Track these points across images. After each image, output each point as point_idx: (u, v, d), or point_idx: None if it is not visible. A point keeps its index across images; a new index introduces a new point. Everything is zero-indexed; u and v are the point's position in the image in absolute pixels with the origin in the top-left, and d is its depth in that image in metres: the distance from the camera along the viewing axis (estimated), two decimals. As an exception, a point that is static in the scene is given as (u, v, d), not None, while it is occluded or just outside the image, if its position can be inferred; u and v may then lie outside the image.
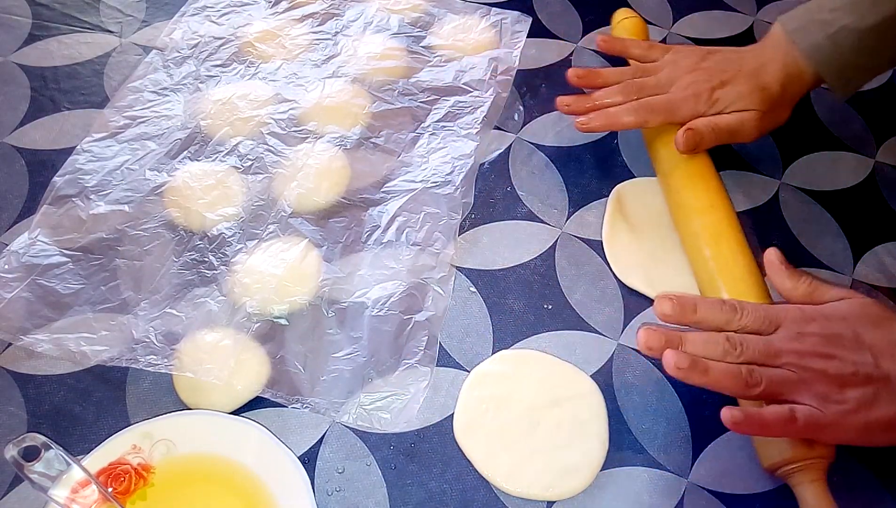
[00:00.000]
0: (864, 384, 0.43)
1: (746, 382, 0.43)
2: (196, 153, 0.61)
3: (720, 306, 0.47)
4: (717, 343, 0.45)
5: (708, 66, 0.61)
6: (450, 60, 0.69)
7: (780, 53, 0.59)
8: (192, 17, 0.71)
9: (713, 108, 0.59)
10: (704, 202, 0.57)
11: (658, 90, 0.60)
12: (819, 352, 0.44)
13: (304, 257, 0.56)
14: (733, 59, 0.61)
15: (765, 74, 0.59)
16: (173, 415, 0.49)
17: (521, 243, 0.59)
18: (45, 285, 0.54)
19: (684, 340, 0.46)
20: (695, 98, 0.59)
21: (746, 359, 0.44)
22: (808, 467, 0.46)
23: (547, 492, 0.48)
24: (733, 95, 0.58)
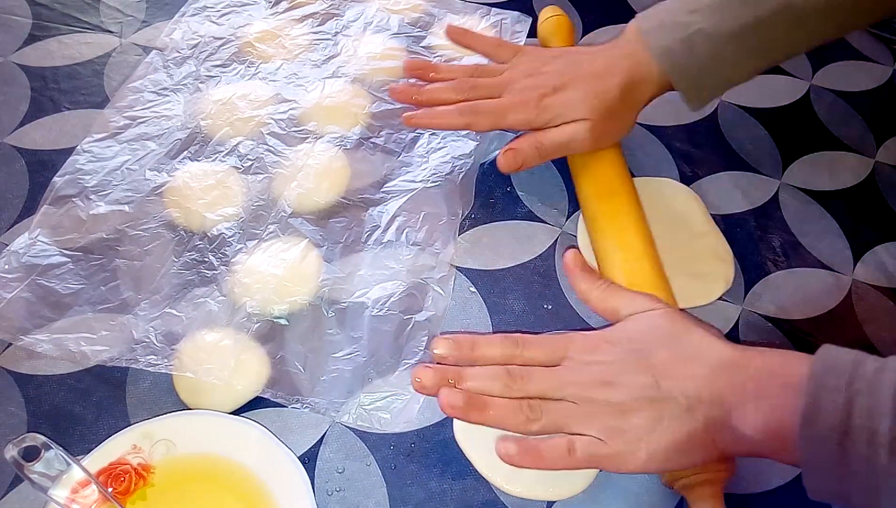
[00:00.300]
0: (647, 409, 0.41)
1: (528, 417, 0.42)
2: (196, 153, 0.61)
3: (502, 341, 0.46)
4: (498, 378, 0.43)
5: (547, 70, 0.57)
6: (450, 60, 0.69)
7: (628, 55, 0.55)
8: (192, 17, 0.71)
9: (541, 116, 0.55)
10: (603, 190, 0.56)
11: (491, 93, 0.57)
12: (601, 381, 0.43)
13: (304, 257, 0.56)
14: (575, 63, 0.57)
15: (606, 78, 0.55)
16: (173, 415, 0.49)
17: (521, 243, 0.59)
18: (45, 285, 0.54)
19: (463, 376, 0.44)
20: (523, 105, 0.55)
21: (528, 393, 0.43)
22: (705, 481, 0.44)
23: (547, 492, 0.48)
24: (564, 104, 0.55)
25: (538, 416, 0.42)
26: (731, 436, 0.40)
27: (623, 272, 0.52)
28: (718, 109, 0.69)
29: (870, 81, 0.72)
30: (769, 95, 0.70)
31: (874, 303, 0.58)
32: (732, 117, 0.69)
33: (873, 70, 0.73)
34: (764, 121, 0.68)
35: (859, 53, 0.75)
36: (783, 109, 0.69)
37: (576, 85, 0.55)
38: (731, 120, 0.69)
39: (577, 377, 0.43)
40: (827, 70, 0.73)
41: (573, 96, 0.55)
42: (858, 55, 0.75)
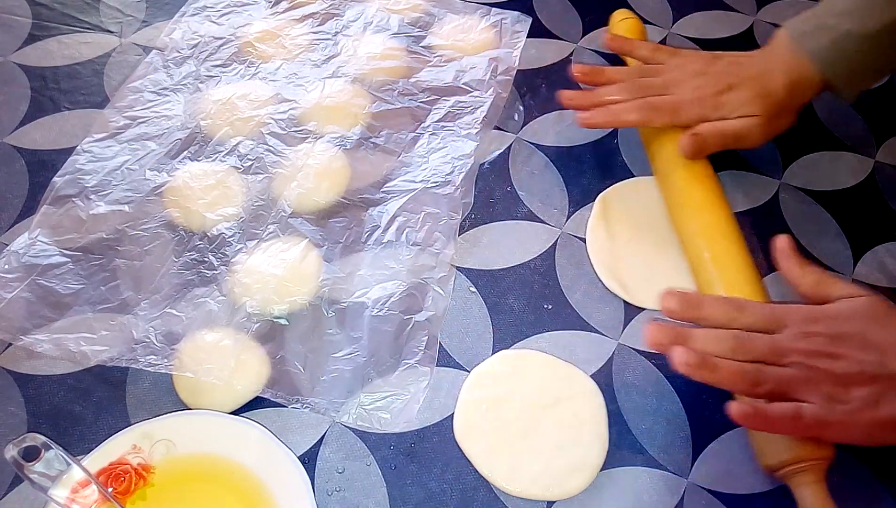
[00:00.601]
0: (870, 384, 0.43)
1: (754, 380, 0.44)
2: (196, 153, 0.61)
3: (725, 304, 0.47)
4: (726, 341, 0.45)
5: (714, 70, 0.61)
6: (450, 60, 0.69)
7: (785, 58, 0.59)
8: (192, 17, 0.71)
9: (717, 112, 0.59)
10: (703, 202, 0.57)
11: (663, 91, 0.60)
12: (825, 351, 0.44)
13: (304, 257, 0.56)
14: (739, 64, 0.61)
15: (770, 79, 0.59)
16: (173, 415, 0.49)
17: (521, 243, 0.59)
18: (45, 285, 0.54)
19: (692, 336, 0.46)
20: (700, 101, 0.59)
21: (754, 357, 0.44)
22: (808, 468, 0.46)
23: (547, 492, 0.48)
24: (738, 101, 0.58)
25: (765, 380, 0.44)
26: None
27: (735, 280, 0.53)
28: (718, 109, 0.69)
29: (870, 80, 0.72)
30: (769, 95, 0.70)
31: (874, 303, 0.58)
32: (732, 117, 0.69)
33: (873, 70, 0.73)
34: (764, 121, 0.68)
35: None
36: (783, 108, 0.69)
37: (745, 85, 0.59)
38: (731, 120, 0.68)
39: (800, 345, 0.45)
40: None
41: (746, 95, 0.58)
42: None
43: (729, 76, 0.60)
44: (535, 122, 0.67)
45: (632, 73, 0.63)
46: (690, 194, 0.57)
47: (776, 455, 0.46)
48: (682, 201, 0.58)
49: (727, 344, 0.45)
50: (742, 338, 0.45)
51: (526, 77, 0.70)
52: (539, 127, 0.67)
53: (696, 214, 0.57)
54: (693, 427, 0.51)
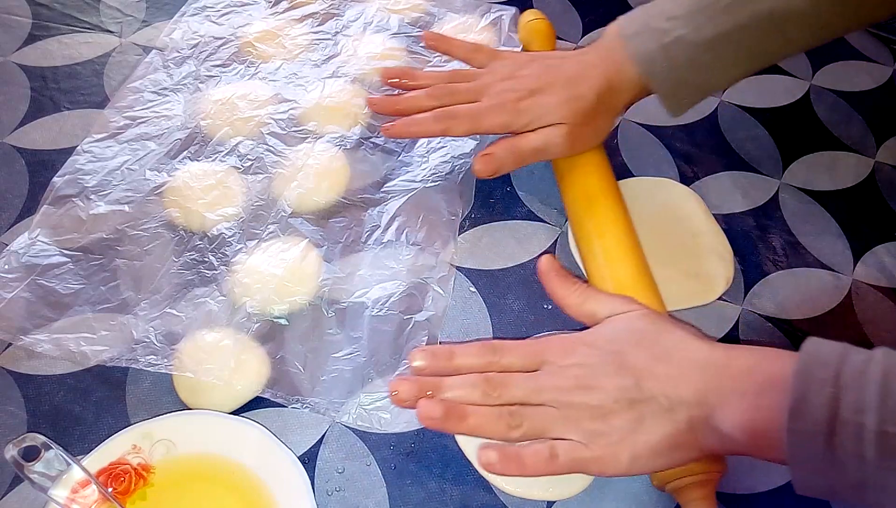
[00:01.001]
0: (628, 411, 0.41)
1: (508, 424, 0.42)
2: (196, 153, 0.61)
3: (478, 350, 0.45)
4: (476, 386, 0.43)
5: (524, 73, 0.57)
6: (450, 61, 0.69)
7: (606, 59, 0.55)
8: (192, 17, 0.71)
9: (518, 120, 0.55)
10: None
11: (469, 97, 0.57)
12: (580, 385, 0.42)
13: (304, 257, 0.56)
14: (553, 67, 0.57)
15: (582, 82, 0.55)
16: (173, 415, 0.49)
17: (521, 243, 0.59)
18: (45, 285, 0.54)
19: (441, 386, 0.44)
20: (500, 109, 0.55)
21: (508, 400, 0.43)
22: (697, 483, 0.44)
23: (547, 492, 0.48)
24: (541, 108, 0.55)
25: (519, 422, 0.42)
26: (715, 436, 0.40)
27: (606, 276, 0.52)
28: (718, 109, 0.69)
29: (870, 81, 0.72)
30: (769, 95, 0.70)
31: (874, 303, 0.58)
32: (732, 117, 0.69)
33: (873, 70, 0.73)
34: (764, 121, 0.68)
35: (859, 53, 0.75)
36: (783, 108, 0.69)
37: (552, 89, 0.55)
38: (731, 120, 0.68)
39: (555, 381, 0.43)
40: (827, 70, 0.73)
41: (549, 101, 0.55)
42: (858, 55, 0.74)
43: (538, 80, 0.56)
44: (535, 122, 0.67)
45: (441, 77, 0.60)
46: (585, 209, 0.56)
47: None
48: (573, 220, 0.57)
49: (479, 389, 0.43)
50: (494, 380, 0.43)
51: (526, 77, 0.70)
52: (539, 127, 0.66)
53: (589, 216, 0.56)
54: (693, 427, 0.51)
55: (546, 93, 0.55)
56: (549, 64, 0.58)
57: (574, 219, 0.57)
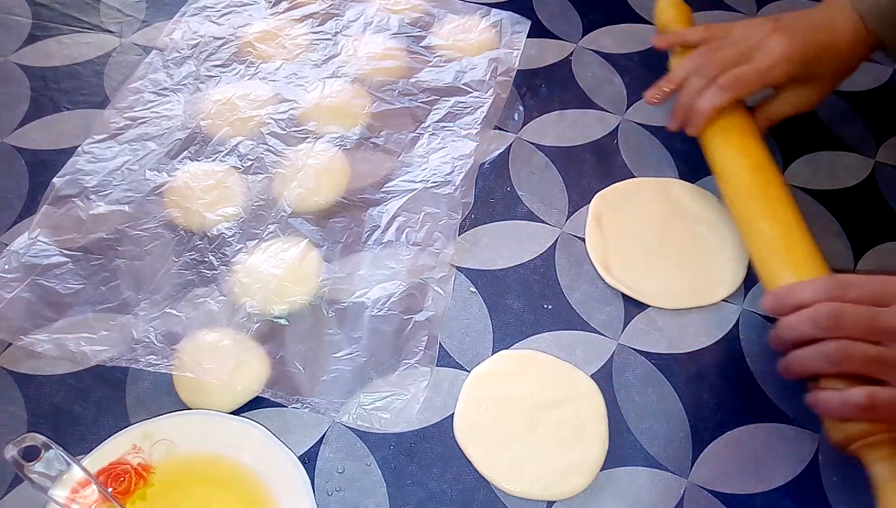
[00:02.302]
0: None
1: (836, 359, 0.43)
2: (196, 153, 0.61)
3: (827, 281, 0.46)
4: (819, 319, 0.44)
5: (784, 25, 0.60)
6: (450, 61, 0.69)
7: (842, 14, 0.58)
8: (192, 17, 0.71)
9: (805, 69, 0.58)
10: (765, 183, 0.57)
11: (741, 61, 0.59)
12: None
13: (304, 257, 0.56)
14: (803, 21, 0.60)
15: (835, 33, 0.58)
16: (173, 415, 0.49)
17: (521, 243, 0.59)
18: (45, 285, 0.54)
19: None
20: (787, 61, 0.58)
21: (848, 333, 0.43)
22: (884, 442, 0.43)
23: (547, 492, 0.48)
24: (824, 57, 0.58)
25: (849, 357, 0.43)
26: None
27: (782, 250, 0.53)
28: (718, 109, 0.69)
29: (870, 81, 0.72)
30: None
31: (874, 303, 0.58)
32: (732, 117, 0.69)
33: (873, 70, 0.73)
34: (764, 121, 0.68)
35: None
36: (783, 109, 0.69)
37: (818, 41, 0.58)
38: (731, 120, 0.68)
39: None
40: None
41: (825, 53, 0.58)
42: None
43: (800, 30, 0.59)
44: (535, 122, 0.67)
45: (698, 57, 0.61)
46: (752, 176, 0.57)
47: (848, 427, 0.44)
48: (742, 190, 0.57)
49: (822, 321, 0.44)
50: (835, 311, 0.44)
51: (526, 77, 0.70)
52: (539, 127, 0.67)
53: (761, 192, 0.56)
54: (693, 427, 0.51)
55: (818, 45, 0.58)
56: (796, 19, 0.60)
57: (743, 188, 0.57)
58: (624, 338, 0.55)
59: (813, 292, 0.46)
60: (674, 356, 0.54)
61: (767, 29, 0.59)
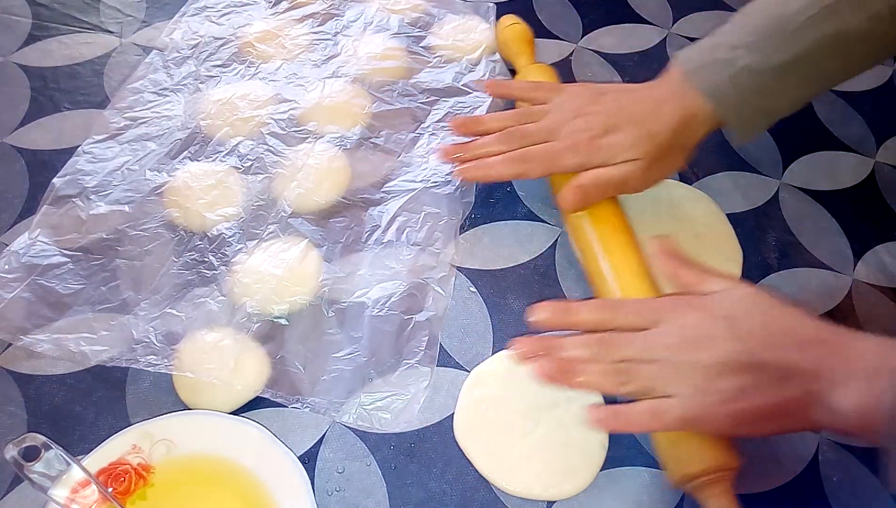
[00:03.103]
0: (738, 374, 0.42)
1: (617, 381, 0.44)
2: (196, 153, 0.61)
3: (599, 307, 0.48)
4: (590, 346, 0.45)
5: (595, 109, 0.56)
6: (450, 61, 0.69)
7: (676, 95, 0.55)
8: (192, 17, 0.71)
9: (596, 157, 0.54)
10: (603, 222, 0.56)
11: (540, 138, 0.56)
12: (692, 344, 0.43)
13: (304, 257, 0.56)
14: (623, 103, 0.56)
15: (655, 119, 0.54)
16: (173, 415, 0.49)
17: (521, 243, 0.59)
18: (45, 285, 0.54)
19: (559, 345, 0.46)
20: (575, 149, 0.55)
21: (620, 358, 0.44)
22: (715, 480, 0.45)
23: (547, 492, 0.48)
24: (618, 145, 0.54)
25: (628, 380, 0.44)
26: (827, 412, 0.41)
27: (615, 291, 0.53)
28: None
29: (870, 81, 0.72)
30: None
31: (874, 303, 0.58)
32: (732, 117, 0.69)
33: (873, 70, 0.73)
34: (764, 121, 0.68)
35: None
36: (783, 109, 0.69)
37: (626, 127, 0.55)
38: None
39: (668, 339, 0.44)
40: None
41: (626, 138, 0.54)
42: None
43: (610, 116, 0.55)
44: (535, 122, 0.67)
45: (510, 119, 0.59)
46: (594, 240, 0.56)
47: (682, 468, 0.45)
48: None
49: (592, 349, 0.45)
50: (606, 341, 0.45)
51: (526, 77, 0.70)
52: (539, 127, 0.66)
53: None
54: (693, 427, 0.51)
55: (620, 131, 0.54)
56: (618, 98, 0.57)
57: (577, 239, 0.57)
58: (624, 338, 0.55)
59: (590, 318, 0.47)
60: (674, 356, 0.54)
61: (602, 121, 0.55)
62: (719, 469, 0.45)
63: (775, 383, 0.42)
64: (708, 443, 0.45)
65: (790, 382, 0.41)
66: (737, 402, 0.42)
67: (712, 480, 0.45)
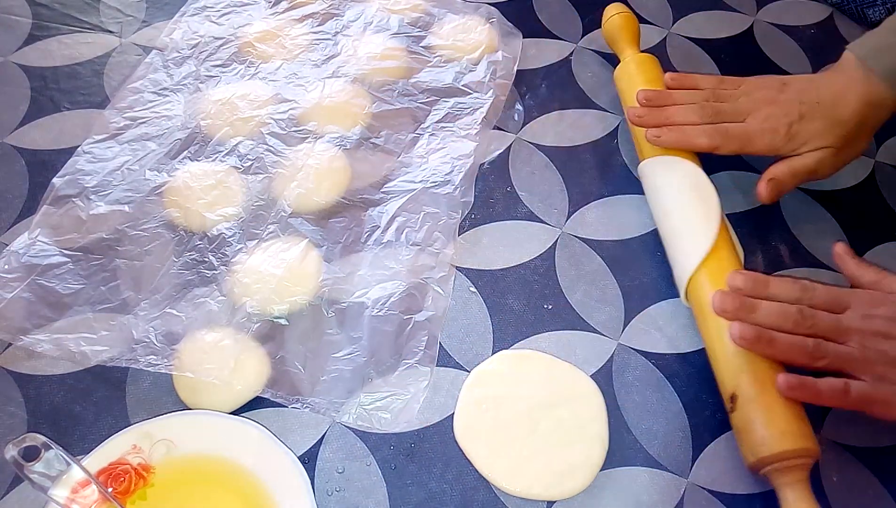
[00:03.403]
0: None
1: (812, 354, 0.46)
2: (196, 153, 0.61)
3: (792, 284, 0.49)
4: (790, 314, 0.47)
5: (785, 98, 0.59)
6: (450, 61, 0.69)
7: (856, 81, 0.58)
8: (192, 17, 0.71)
9: (789, 144, 0.58)
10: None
11: (735, 117, 0.59)
12: (883, 333, 0.46)
13: (304, 257, 0.56)
14: (809, 91, 0.59)
15: (842, 106, 0.57)
16: (173, 415, 0.49)
17: (521, 243, 0.59)
18: (45, 285, 0.54)
19: (757, 307, 0.48)
20: (772, 132, 0.58)
21: (814, 333, 0.47)
22: (792, 467, 0.45)
23: (547, 492, 0.48)
24: (811, 132, 0.57)
25: (823, 354, 0.46)
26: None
27: None
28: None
29: (870, 81, 0.72)
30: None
31: (874, 303, 0.58)
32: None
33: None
34: (764, 121, 0.68)
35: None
36: (783, 109, 0.69)
37: (817, 115, 0.57)
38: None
39: (860, 325, 0.47)
40: (827, 70, 0.73)
41: (818, 126, 0.57)
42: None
43: (800, 105, 0.58)
44: (535, 122, 0.67)
45: (700, 96, 0.61)
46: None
47: (761, 450, 0.46)
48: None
49: (791, 318, 0.47)
50: (806, 313, 0.47)
51: (526, 77, 0.70)
52: (539, 127, 0.67)
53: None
54: (693, 427, 0.51)
55: (811, 119, 0.57)
56: (803, 88, 0.59)
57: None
58: (624, 338, 0.55)
59: (784, 292, 0.49)
60: (674, 356, 0.54)
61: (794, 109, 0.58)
62: (800, 455, 0.45)
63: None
64: (792, 427, 0.46)
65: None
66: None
67: (789, 466, 0.45)
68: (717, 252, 0.53)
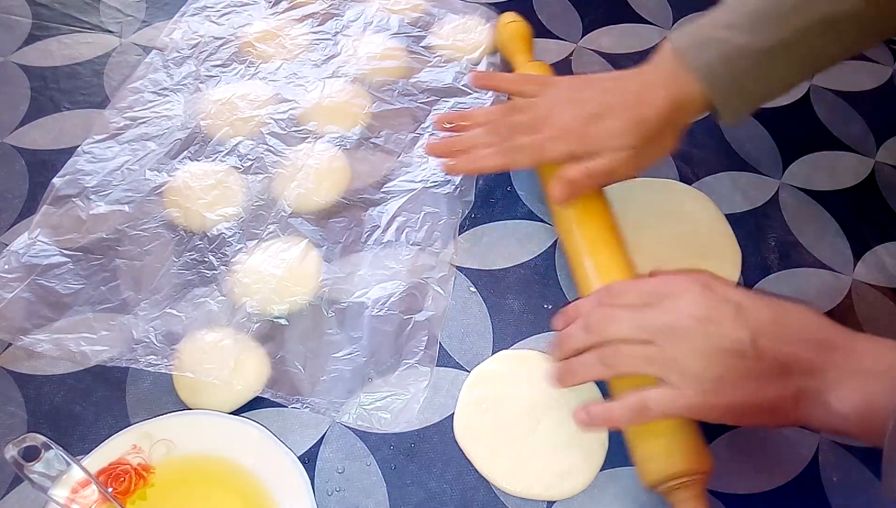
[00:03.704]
0: (735, 361, 0.41)
1: (602, 372, 0.46)
2: (196, 153, 0.61)
3: (595, 297, 0.48)
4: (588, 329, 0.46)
5: (583, 97, 0.55)
6: (450, 61, 0.69)
7: (666, 77, 0.53)
8: (192, 17, 0.71)
9: (585, 146, 0.53)
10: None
11: (530, 129, 0.55)
12: (694, 324, 0.43)
13: (304, 257, 0.56)
14: (612, 90, 0.55)
15: (645, 104, 0.53)
16: (173, 415, 0.49)
17: (521, 242, 0.59)
18: (45, 285, 0.54)
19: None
20: (563, 137, 0.54)
21: (612, 337, 0.45)
22: (689, 483, 0.44)
23: (547, 492, 0.48)
24: (607, 132, 0.53)
25: (612, 364, 0.45)
26: (822, 411, 0.40)
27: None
28: (718, 109, 0.69)
29: (870, 81, 0.72)
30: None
31: (874, 303, 0.58)
32: (732, 117, 0.69)
33: (873, 70, 0.73)
34: (764, 121, 0.68)
35: (860, 53, 0.74)
36: (783, 109, 0.69)
37: (614, 113, 0.53)
38: (731, 120, 0.68)
39: (665, 319, 0.44)
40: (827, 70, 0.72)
41: (616, 126, 0.53)
42: (859, 55, 0.74)
43: (600, 104, 0.54)
44: (535, 122, 0.67)
45: (499, 112, 0.59)
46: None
47: (656, 472, 0.45)
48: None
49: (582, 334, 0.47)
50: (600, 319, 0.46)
51: (526, 77, 0.70)
52: (539, 127, 0.66)
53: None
54: (693, 427, 0.51)
55: (608, 117, 0.53)
56: (607, 87, 0.56)
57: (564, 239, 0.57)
58: (624, 338, 0.55)
59: (588, 303, 0.48)
60: (674, 356, 0.54)
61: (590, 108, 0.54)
62: (691, 473, 0.44)
63: (774, 377, 0.41)
64: (680, 446, 0.45)
65: (788, 378, 0.41)
66: (729, 392, 0.41)
67: (684, 484, 0.44)
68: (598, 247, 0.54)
